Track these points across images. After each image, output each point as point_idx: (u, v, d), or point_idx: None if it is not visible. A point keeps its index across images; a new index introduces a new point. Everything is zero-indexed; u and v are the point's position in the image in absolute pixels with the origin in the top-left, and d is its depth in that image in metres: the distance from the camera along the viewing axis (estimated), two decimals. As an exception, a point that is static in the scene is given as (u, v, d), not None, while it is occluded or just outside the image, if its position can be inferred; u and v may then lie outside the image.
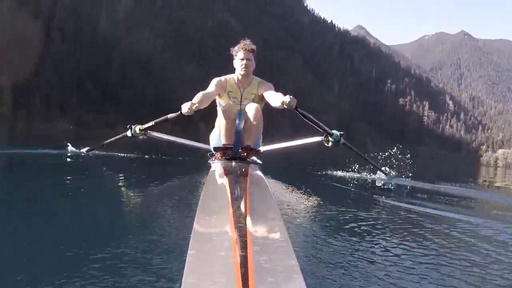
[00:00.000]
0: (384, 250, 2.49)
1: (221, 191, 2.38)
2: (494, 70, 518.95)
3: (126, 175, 5.71)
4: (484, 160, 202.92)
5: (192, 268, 1.19)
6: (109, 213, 3.17)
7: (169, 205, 3.63)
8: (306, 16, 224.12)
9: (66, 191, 3.99)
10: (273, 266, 1.21)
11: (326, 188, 6.41)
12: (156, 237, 2.41)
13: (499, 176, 23.81)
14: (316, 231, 2.89)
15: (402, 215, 3.96)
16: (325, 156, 15.86)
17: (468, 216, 4.15)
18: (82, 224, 2.72)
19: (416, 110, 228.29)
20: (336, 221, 3.38)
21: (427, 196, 5.86)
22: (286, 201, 4.23)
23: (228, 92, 3.99)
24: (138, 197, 3.96)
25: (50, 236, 2.38)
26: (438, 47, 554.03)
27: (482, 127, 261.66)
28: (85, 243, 2.22)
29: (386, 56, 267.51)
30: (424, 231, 3.19)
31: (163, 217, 3.10)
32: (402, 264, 2.20)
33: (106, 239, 2.39)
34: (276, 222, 1.71)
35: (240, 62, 3.94)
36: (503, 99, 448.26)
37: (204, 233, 1.52)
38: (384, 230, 3.14)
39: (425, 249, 2.64)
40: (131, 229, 2.69)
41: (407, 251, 2.51)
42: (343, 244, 2.53)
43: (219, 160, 3.69)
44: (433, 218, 3.89)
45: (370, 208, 4.37)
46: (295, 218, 3.31)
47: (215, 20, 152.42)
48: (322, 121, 4.79)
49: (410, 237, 2.93)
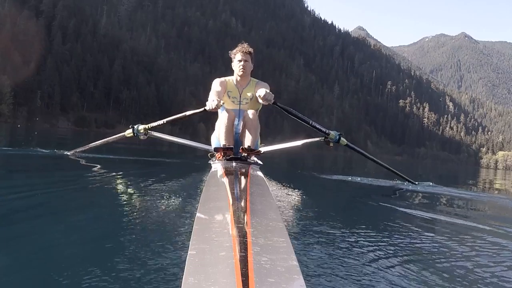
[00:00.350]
0: (386, 251, 2.49)
1: (221, 191, 2.37)
2: (494, 72, 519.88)
3: (126, 175, 5.71)
4: (484, 162, 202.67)
5: (192, 268, 1.20)
6: (109, 213, 3.17)
7: (170, 205, 3.64)
8: (307, 17, 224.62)
9: (65, 190, 3.98)
10: (274, 267, 1.22)
11: (327, 189, 6.38)
12: (156, 237, 2.40)
13: (499, 178, 23.76)
14: (317, 232, 2.87)
15: (404, 218, 3.97)
16: (337, 161, 15.81)
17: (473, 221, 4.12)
18: (81, 224, 2.71)
19: (416, 111, 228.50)
20: (337, 222, 3.39)
21: (431, 201, 5.76)
22: (287, 201, 4.25)
23: (228, 92, 4.13)
24: (138, 198, 3.96)
25: (50, 236, 2.38)
26: (438, 49, 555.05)
27: (482, 129, 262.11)
28: (84, 243, 2.22)
29: (387, 58, 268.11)
30: (427, 235, 3.19)
31: (164, 217, 3.09)
32: (404, 265, 2.18)
33: (105, 239, 2.38)
34: (277, 222, 1.70)
35: (238, 64, 4.10)
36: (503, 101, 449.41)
37: (204, 233, 1.52)
38: (386, 231, 3.14)
39: (427, 251, 2.64)
40: (130, 229, 2.68)
41: (408, 253, 2.53)
42: (344, 245, 2.53)
43: (220, 160, 3.69)
44: (435, 222, 3.92)
45: (372, 210, 4.38)
46: (295, 219, 3.31)
47: (218, 21, 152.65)
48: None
49: (412, 240, 2.94)
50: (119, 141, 6.31)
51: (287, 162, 12.30)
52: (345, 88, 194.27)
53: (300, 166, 12.51)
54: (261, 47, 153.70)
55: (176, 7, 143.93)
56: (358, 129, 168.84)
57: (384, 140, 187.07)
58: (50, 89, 77.52)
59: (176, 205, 3.68)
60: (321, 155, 28.61)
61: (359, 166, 17.22)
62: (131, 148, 12.86)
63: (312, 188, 6.00)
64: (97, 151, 7.49)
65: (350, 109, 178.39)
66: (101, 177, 5.23)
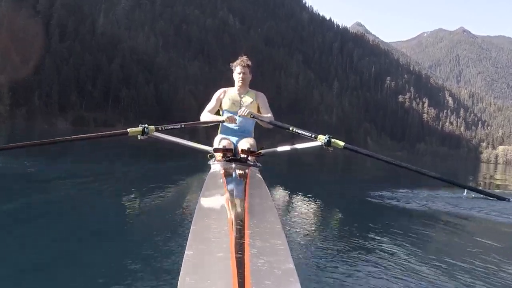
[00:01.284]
0: (383, 254, 2.48)
1: (220, 192, 2.36)
2: (493, 66, 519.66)
3: (126, 175, 5.75)
4: (485, 157, 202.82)
5: (189, 268, 1.18)
6: (107, 213, 3.19)
7: (168, 205, 3.68)
8: (305, 13, 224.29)
9: (65, 190, 4.03)
10: (270, 269, 1.21)
11: (325, 192, 6.38)
12: (153, 237, 2.40)
13: (502, 174, 23.67)
14: (314, 235, 2.90)
15: (402, 219, 3.96)
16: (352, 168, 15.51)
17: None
18: (79, 224, 2.72)
19: (416, 107, 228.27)
20: (335, 225, 3.43)
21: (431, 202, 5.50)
22: (285, 204, 4.31)
23: (229, 97, 4.56)
24: (136, 198, 3.99)
25: (50, 236, 2.40)
26: (437, 44, 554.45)
27: (481, 124, 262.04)
28: (83, 243, 2.24)
29: (385, 53, 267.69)
30: (427, 234, 3.21)
31: (161, 217, 3.13)
32: (401, 268, 2.19)
33: (104, 239, 2.39)
34: (275, 225, 1.69)
35: (238, 76, 4.57)
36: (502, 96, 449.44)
37: (202, 234, 1.51)
38: (383, 234, 3.12)
39: (425, 252, 2.63)
40: (128, 229, 2.70)
41: (406, 256, 2.49)
42: (341, 249, 2.53)
43: (219, 161, 3.75)
44: (434, 219, 3.93)
45: (369, 212, 4.38)
46: (293, 222, 3.32)
47: (216, 19, 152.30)
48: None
49: (411, 241, 2.92)
50: (113, 141, 6.22)
51: (286, 163, 12.17)
52: (345, 85, 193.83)
53: (300, 167, 12.38)
54: (260, 46, 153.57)
55: (174, 6, 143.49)
56: (358, 126, 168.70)
57: (384, 137, 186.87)
58: (48, 88, 77.24)
59: (174, 205, 3.69)
60: (322, 155, 27.54)
61: (359, 165, 17.34)
62: (130, 148, 12.84)
63: (311, 191, 5.84)
64: (94, 149, 7.43)
65: (350, 106, 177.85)
66: (98, 177, 5.23)
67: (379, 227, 3.43)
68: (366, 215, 4.19)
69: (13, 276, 1.71)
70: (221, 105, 4.60)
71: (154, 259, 1.96)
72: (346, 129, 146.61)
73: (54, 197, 3.66)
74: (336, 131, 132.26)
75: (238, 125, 4.36)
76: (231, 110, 4.45)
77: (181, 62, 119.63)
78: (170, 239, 2.35)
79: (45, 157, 7.06)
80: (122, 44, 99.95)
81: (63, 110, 79.86)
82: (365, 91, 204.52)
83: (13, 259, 1.91)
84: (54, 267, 1.83)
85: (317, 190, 6.47)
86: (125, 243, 2.27)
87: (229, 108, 4.46)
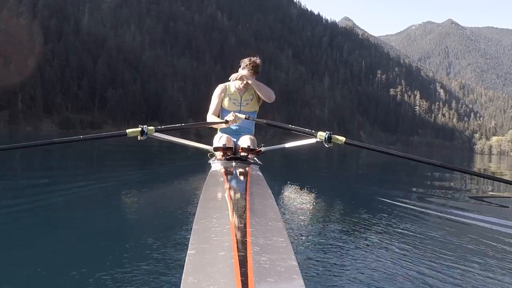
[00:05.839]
0: (385, 251, 2.48)
1: (221, 191, 2.39)
2: (482, 57, 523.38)
3: (124, 175, 5.89)
4: (479, 148, 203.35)
5: (191, 267, 1.20)
6: (107, 213, 3.23)
7: (169, 204, 3.72)
8: (293, 8, 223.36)
9: (64, 190, 4.11)
10: (273, 267, 1.22)
11: (327, 189, 6.28)
12: (155, 237, 2.44)
13: (500, 165, 23.40)
14: (316, 232, 2.91)
15: (405, 216, 3.84)
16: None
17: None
18: (80, 224, 2.78)
19: (408, 99, 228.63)
20: (337, 222, 3.40)
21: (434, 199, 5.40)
22: (287, 201, 4.28)
23: (228, 95, 4.32)
24: (137, 197, 4.06)
25: (50, 236, 2.48)
26: (425, 37, 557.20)
27: (474, 115, 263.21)
28: (84, 243, 2.28)
29: (375, 47, 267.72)
30: (428, 233, 3.12)
31: (163, 216, 3.18)
32: (403, 265, 2.20)
33: (105, 239, 2.45)
34: (276, 222, 1.70)
35: (241, 82, 4.27)
36: (492, 86, 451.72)
37: (204, 233, 1.52)
38: (386, 231, 3.05)
39: (427, 251, 2.59)
40: (130, 229, 2.78)
41: (408, 253, 2.49)
42: (343, 245, 2.54)
43: (220, 160, 3.70)
44: (438, 218, 3.89)
45: (372, 210, 4.13)
46: (295, 219, 3.30)
47: (204, 15, 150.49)
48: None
49: (412, 239, 2.88)
50: (110, 141, 6.02)
51: (286, 159, 11.86)
52: (336, 78, 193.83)
53: (300, 163, 11.88)
54: (249, 40, 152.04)
55: (160, 2, 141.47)
56: (351, 119, 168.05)
57: (377, 129, 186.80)
58: (32, 91, 74.78)
59: (175, 204, 3.71)
60: (319, 149, 26.41)
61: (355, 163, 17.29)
62: (128, 148, 13.00)
63: (312, 188, 5.67)
64: (94, 149, 7.76)
65: (342, 99, 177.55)
66: (98, 177, 5.37)
67: (382, 223, 3.35)
68: (369, 211, 3.95)
69: (13, 276, 1.75)
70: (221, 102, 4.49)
71: (157, 259, 2.00)
72: (339, 123, 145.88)
73: (54, 197, 3.71)
74: (328, 124, 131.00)
75: (238, 124, 4.22)
76: (231, 109, 4.26)
77: (169, 59, 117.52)
78: (172, 239, 2.40)
79: (40, 157, 7.33)
80: (108, 42, 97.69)
81: (48, 113, 77.61)
82: (356, 85, 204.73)
83: (13, 259, 1.97)
84: (55, 268, 1.87)
85: (318, 186, 6.23)
86: (126, 243, 2.31)
87: (230, 108, 4.28)
